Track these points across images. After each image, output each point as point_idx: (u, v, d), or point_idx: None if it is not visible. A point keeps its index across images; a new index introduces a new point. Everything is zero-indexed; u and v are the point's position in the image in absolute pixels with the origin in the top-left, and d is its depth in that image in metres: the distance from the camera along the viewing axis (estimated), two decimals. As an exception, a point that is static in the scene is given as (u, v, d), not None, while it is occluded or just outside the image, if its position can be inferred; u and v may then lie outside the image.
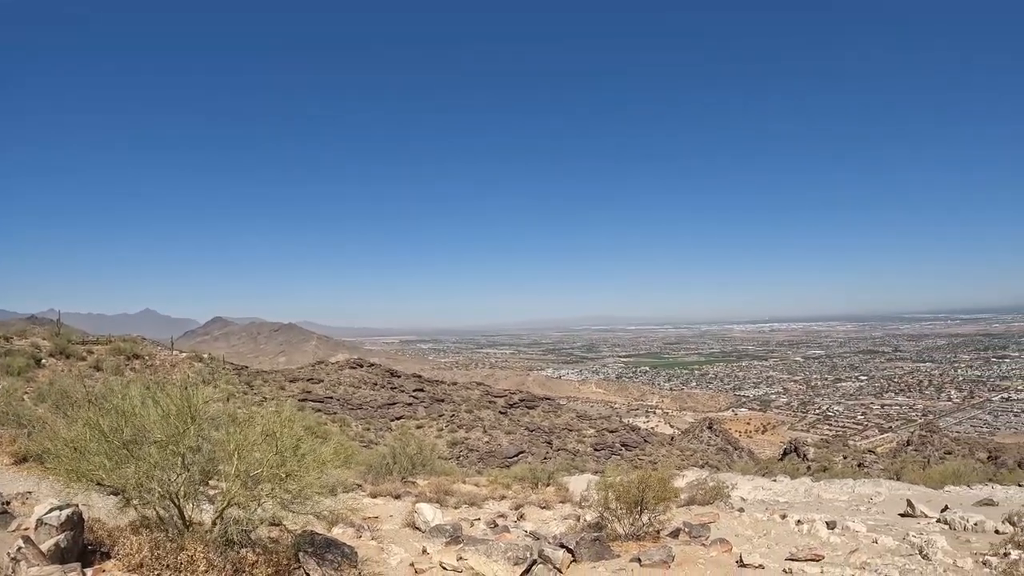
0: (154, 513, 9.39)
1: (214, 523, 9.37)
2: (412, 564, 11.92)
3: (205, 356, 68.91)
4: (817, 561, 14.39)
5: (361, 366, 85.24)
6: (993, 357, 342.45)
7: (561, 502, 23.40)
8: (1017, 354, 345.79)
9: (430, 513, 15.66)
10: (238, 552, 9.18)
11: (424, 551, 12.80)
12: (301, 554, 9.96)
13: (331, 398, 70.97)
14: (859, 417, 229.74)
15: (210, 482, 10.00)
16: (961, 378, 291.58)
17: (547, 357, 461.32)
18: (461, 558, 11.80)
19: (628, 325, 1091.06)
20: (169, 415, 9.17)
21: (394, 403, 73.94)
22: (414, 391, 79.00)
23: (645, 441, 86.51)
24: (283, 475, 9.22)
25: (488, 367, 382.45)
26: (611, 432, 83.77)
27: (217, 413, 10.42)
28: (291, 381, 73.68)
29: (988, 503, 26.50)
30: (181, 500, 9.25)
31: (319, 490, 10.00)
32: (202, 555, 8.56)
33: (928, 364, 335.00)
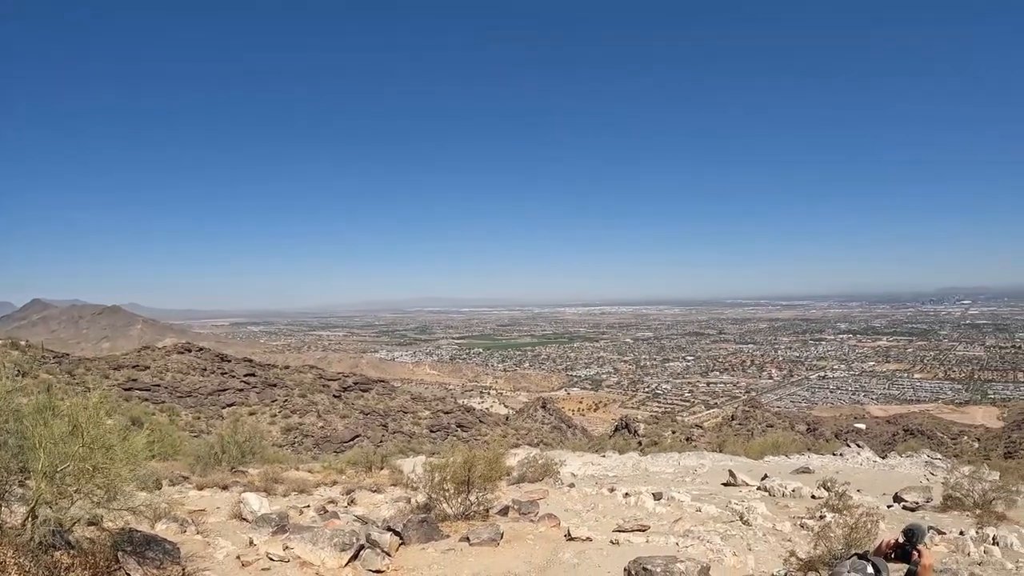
0: (-39, 518, 8.83)
1: (23, 524, 8.87)
2: (239, 557, 11.57)
3: (22, 343, 65.76)
4: (643, 531, 14.80)
5: (190, 351, 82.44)
6: (810, 339, 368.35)
7: (393, 485, 23.27)
8: (832, 337, 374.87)
9: (256, 503, 15.24)
10: (52, 555, 8.71)
11: (251, 542, 12.42)
12: (120, 554, 9.48)
13: (159, 386, 68.46)
14: (686, 394, 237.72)
15: (29, 481, 9.45)
16: (781, 358, 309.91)
17: (380, 339, 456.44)
18: (288, 547, 11.52)
19: (461, 307, 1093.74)
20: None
21: (225, 389, 71.98)
22: (245, 376, 77.09)
23: (480, 421, 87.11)
24: (90, 469, 8.75)
25: (321, 350, 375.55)
26: (446, 413, 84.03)
27: (22, 405, 9.85)
28: (115, 369, 70.76)
29: (805, 471, 28.01)
30: (-15, 501, 8.71)
31: (131, 484, 9.54)
32: (12, 560, 8.06)
33: (751, 346, 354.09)
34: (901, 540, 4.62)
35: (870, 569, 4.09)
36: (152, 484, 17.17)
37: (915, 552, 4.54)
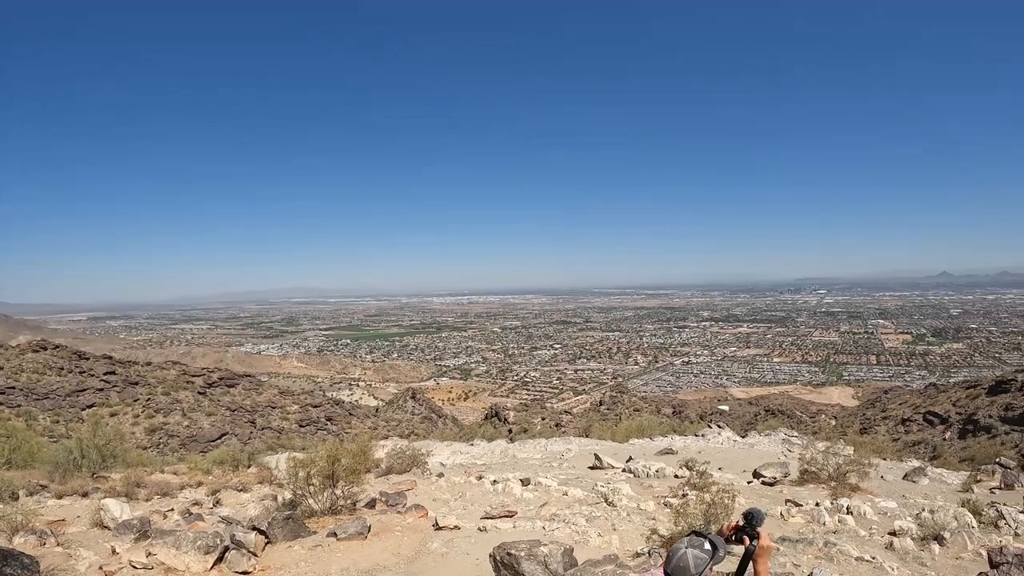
0: None
1: None
2: (101, 567, 11.26)
3: None
4: (510, 517, 15.06)
5: (45, 348, 78.93)
6: (674, 327, 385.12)
7: (260, 483, 22.99)
8: (695, 324, 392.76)
9: (117, 509, 14.80)
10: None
11: (113, 551, 12.06)
12: (-24, 572, 9.22)
13: (13, 388, 65.41)
14: (555, 382, 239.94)
15: None
16: (647, 345, 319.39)
17: (246, 332, 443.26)
18: (151, 554, 11.26)
19: (328, 297, 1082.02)
20: None
21: (84, 389, 69.30)
22: (105, 374, 74.27)
23: (350, 414, 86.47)
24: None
25: (184, 344, 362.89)
26: (315, 407, 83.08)
27: None
28: (-34, 372, 67.56)
29: (668, 452, 28.95)
30: None
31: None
32: None
33: (617, 333, 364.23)
34: (741, 523, 4.90)
35: (707, 545, 4.33)
36: (7, 495, 16.62)
37: (754, 534, 4.83)
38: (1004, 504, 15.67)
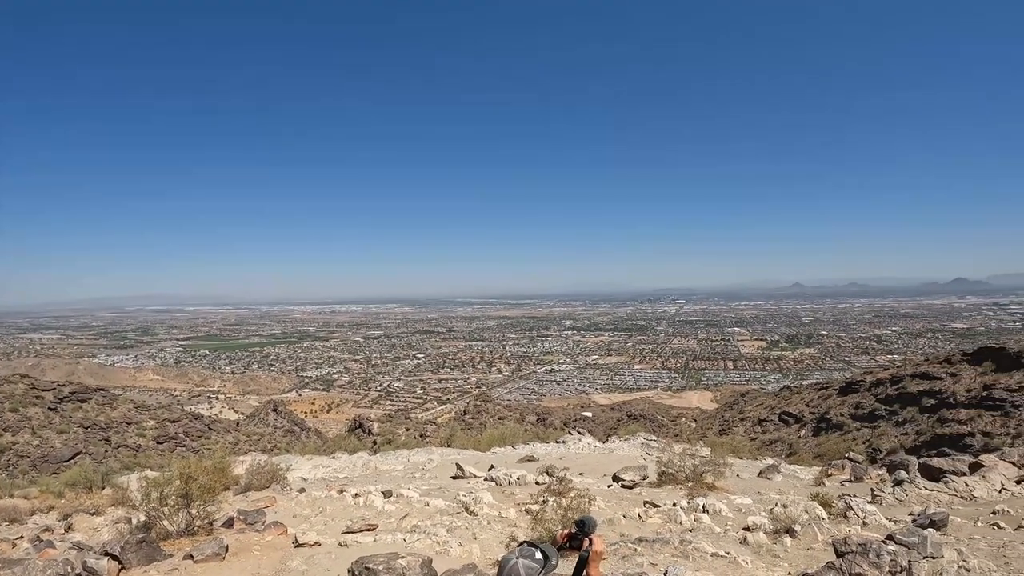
0: None
1: None
2: (-55, 602, 10.90)
3: None
4: (372, 531, 15.16)
5: None
6: (537, 336, 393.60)
7: (113, 505, 22.39)
8: (558, 333, 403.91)
9: (-38, 538, 14.29)
10: None
11: (-41, 587, 11.71)
12: None
13: None
14: (419, 391, 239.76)
15: None
16: (510, 354, 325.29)
17: (99, 342, 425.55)
18: (-2, 586, 10.95)
19: (186, 305, 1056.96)
20: None
21: (-76, 408, 66.04)
22: (-53, 390, 70.94)
23: (210, 429, 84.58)
24: None
25: (34, 355, 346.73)
26: (173, 422, 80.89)
27: None
28: None
29: (530, 459, 29.48)
30: None
31: None
32: None
33: (480, 342, 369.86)
34: (574, 531, 5.13)
35: (538, 555, 4.49)
36: None
37: (586, 540, 5.06)
38: (853, 496, 16.62)
